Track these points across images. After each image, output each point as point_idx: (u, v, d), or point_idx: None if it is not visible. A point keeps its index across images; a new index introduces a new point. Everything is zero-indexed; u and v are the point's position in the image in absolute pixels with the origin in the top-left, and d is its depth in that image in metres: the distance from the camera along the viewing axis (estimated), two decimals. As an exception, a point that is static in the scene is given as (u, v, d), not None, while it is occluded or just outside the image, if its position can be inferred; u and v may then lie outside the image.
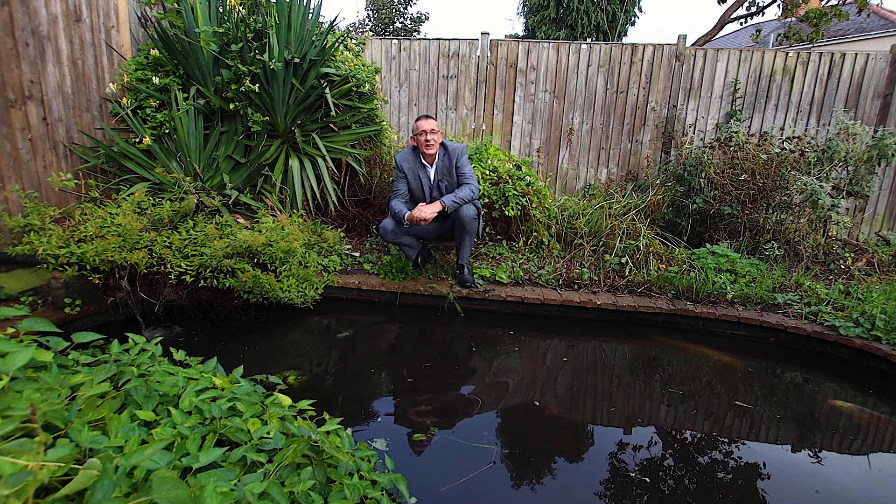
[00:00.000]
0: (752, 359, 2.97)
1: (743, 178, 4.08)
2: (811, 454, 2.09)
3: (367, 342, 3.11)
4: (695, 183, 4.48)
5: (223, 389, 1.58)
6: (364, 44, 4.85)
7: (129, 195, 3.11)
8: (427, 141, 3.22)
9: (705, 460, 2.02)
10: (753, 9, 8.60)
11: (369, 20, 16.58)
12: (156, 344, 1.71)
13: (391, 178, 3.99)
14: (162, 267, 2.78)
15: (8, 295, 2.83)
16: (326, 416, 1.67)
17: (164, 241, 2.83)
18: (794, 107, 4.99)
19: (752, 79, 4.98)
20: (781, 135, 4.91)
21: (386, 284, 3.40)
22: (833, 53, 4.85)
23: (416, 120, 3.28)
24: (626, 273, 3.58)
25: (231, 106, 3.47)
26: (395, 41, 5.21)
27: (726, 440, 2.16)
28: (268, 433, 1.39)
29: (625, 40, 13.43)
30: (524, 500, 1.74)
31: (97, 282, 2.75)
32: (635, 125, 5.19)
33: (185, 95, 3.44)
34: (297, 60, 3.45)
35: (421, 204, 3.16)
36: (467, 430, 2.11)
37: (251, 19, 3.56)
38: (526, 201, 3.87)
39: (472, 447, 1.97)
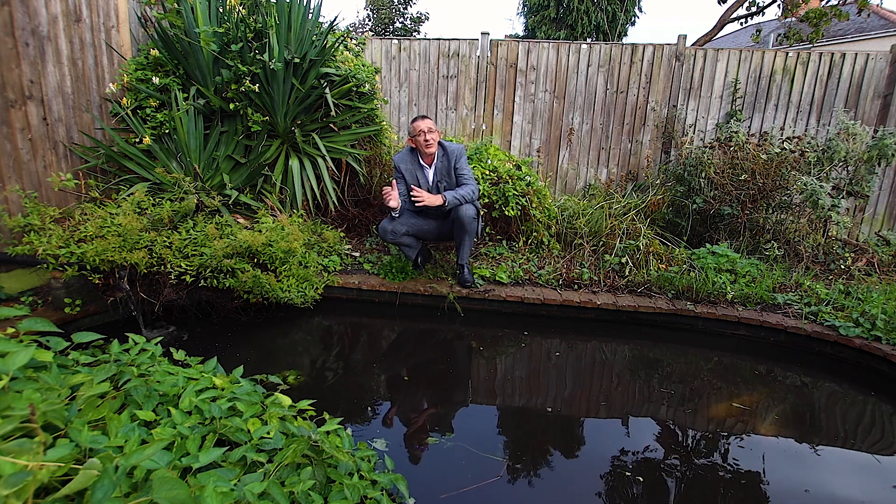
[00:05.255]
0: (753, 359, 2.97)
1: (743, 178, 4.08)
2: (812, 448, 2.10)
3: (367, 342, 3.11)
4: (695, 183, 4.48)
5: (223, 389, 1.58)
6: (364, 44, 4.85)
7: (129, 195, 3.11)
8: (427, 140, 3.21)
9: (713, 464, 2.02)
10: (753, 9, 8.59)
11: (369, 20, 16.57)
12: (156, 344, 1.71)
13: (391, 178, 3.99)
14: (162, 267, 2.78)
15: (8, 295, 2.83)
16: (326, 416, 1.67)
17: (164, 241, 2.83)
18: (794, 107, 4.99)
19: (752, 79, 4.97)
20: (781, 135, 4.91)
21: (386, 284, 3.40)
22: (833, 53, 4.85)
23: (413, 121, 3.27)
24: (626, 273, 3.58)
25: (231, 106, 3.47)
26: (395, 41, 5.21)
27: (727, 440, 2.16)
28: (268, 433, 1.39)
29: (625, 40, 13.43)
30: (525, 500, 1.74)
31: (97, 282, 2.75)
32: (635, 125, 5.19)
33: (185, 95, 3.44)
34: (297, 60, 3.45)
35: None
36: (468, 430, 2.11)
37: (251, 19, 3.55)
38: (526, 201, 3.87)
39: (471, 450, 1.97)
